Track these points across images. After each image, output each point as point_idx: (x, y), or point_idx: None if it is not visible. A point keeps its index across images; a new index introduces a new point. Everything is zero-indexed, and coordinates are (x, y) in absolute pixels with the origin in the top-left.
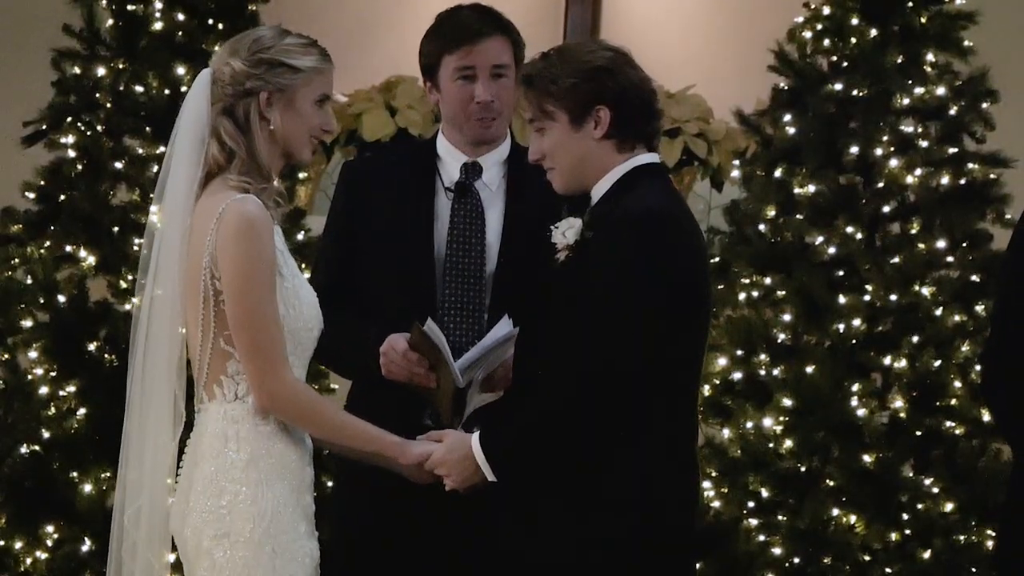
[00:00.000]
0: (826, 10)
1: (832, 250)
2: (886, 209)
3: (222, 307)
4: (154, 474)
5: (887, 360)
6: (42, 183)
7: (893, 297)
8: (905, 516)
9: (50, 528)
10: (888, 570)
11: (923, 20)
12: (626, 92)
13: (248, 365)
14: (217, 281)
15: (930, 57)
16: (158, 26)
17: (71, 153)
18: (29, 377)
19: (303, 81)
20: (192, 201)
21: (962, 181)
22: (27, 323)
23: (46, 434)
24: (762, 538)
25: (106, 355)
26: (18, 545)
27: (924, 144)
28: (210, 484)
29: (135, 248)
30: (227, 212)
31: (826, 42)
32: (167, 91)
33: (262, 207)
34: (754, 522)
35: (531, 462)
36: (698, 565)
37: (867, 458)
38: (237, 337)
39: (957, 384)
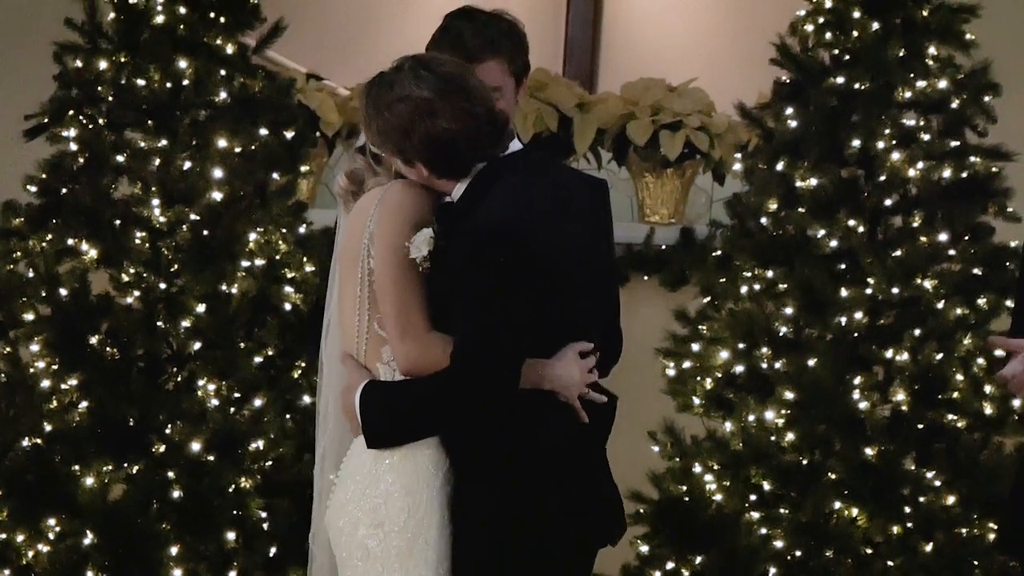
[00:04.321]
0: (828, 3)
1: (834, 243)
2: (888, 202)
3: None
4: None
5: (889, 353)
6: (44, 177)
7: (895, 290)
8: (907, 509)
9: (52, 522)
10: (890, 563)
11: (925, 13)
12: (433, 147)
13: (390, 329)
14: (371, 259)
15: (932, 50)
16: (160, 19)
17: (73, 147)
18: (31, 370)
19: None
20: None
21: (964, 174)
22: (29, 316)
23: (48, 427)
24: (764, 531)
25: (107, 349)
26: (20, 538)
27: (926, 137)
28: (367, 474)
29: (136, 242)
30: (391, 189)
31: (828, 35)
32: (169, 84)
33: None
34: (756, 515)
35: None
36: (700, 559)
37: (869, 451)
38: (381, 302)
39: (959, 377)
